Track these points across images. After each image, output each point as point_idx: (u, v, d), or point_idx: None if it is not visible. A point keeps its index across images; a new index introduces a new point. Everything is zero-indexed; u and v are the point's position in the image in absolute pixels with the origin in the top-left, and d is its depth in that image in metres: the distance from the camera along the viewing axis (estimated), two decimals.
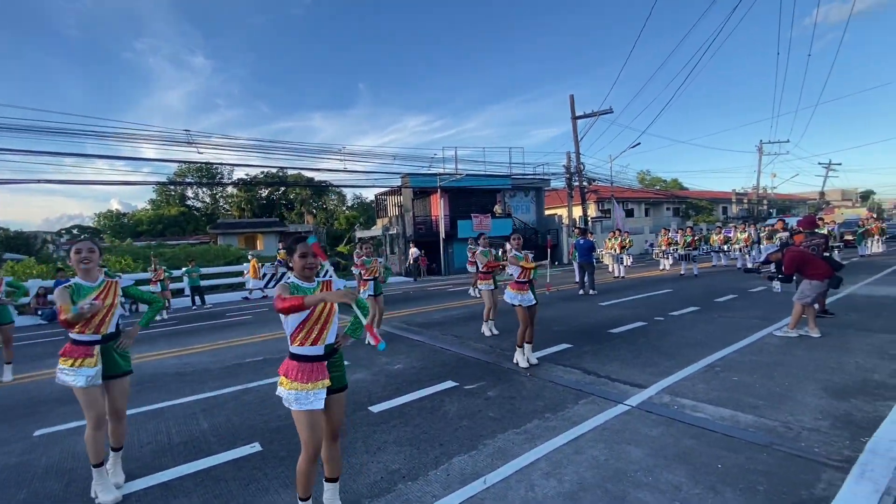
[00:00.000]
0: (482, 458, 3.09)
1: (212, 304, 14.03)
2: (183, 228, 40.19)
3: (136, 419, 4.16)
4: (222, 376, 5.50)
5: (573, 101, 23.94)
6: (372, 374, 5.27)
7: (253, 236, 34.79)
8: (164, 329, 9.69)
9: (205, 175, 41.63)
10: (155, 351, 7.24)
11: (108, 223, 41.69)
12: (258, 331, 8.61)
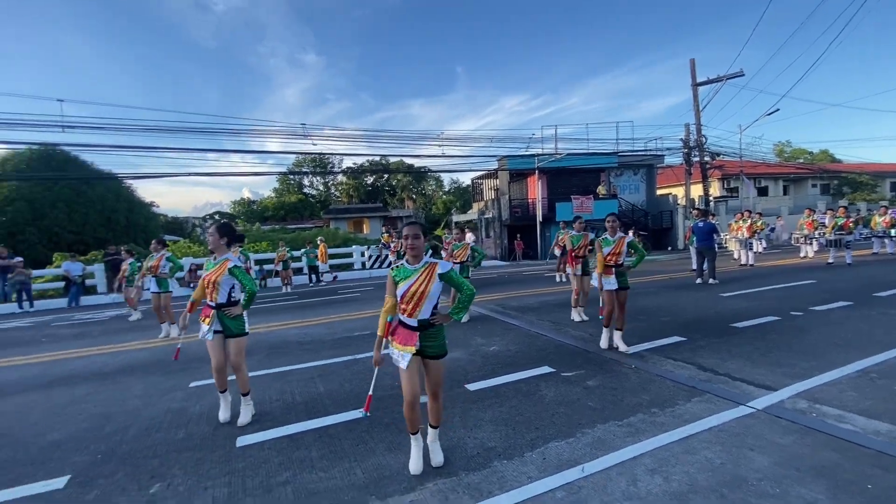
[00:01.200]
0: (580, 446, 3.01)
1: (325, 282, 15.50)
2: (301, 214, 44.76)
3: (266, 379, 4.82)
4: (335, 347, 6.09)
5: (694, 65, 21.34)
6: (468, 353, 5.40)
7: (360, 220, 37.50)
8: (287, 303, 10.98)
9: (318, 165, 45.72)
10: (280, 321, 8.26)
11: (241, 209, 48.13)
12: (365, 307, 9.32)
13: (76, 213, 18.40)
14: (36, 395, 4.77)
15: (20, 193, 17.24)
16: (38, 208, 17.42)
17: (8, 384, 5.24)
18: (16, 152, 18.40)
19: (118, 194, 20.51)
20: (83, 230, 18.48)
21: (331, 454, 3.09)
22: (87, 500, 2.70)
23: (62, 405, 4.41)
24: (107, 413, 4.12)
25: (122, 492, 2.77)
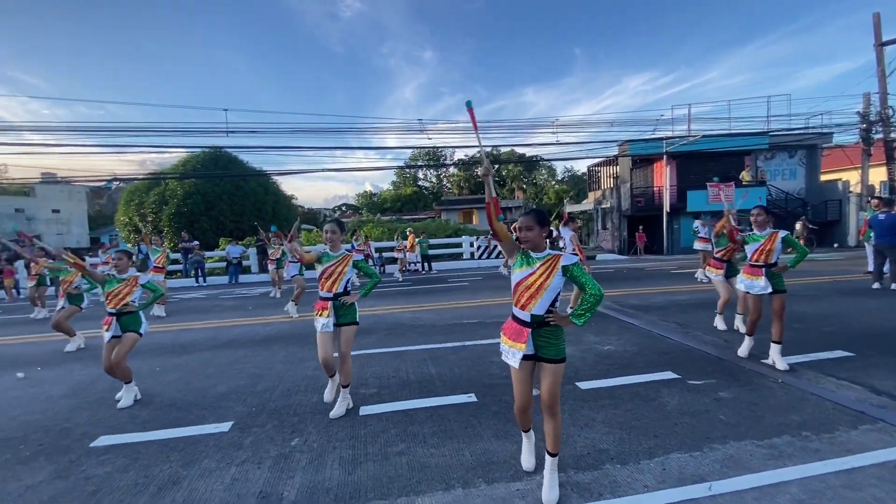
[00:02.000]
0: (708, 462, 2.71)
1: (437, 271, 16.16)
2: (415, 205, 47.15)
3: (385, 357, 5.22)
4: (445, 332, 6.34)
5: (879, 21, 17.20)
6: (580, 350, 5.19)
7: (469, 211, 38.16)
8: (402, 288, 11.72)
9: (432, 158, 47.51)
10: (396, 305, 8.85)
11: (363, 201, 52.38)
12: (474, 297, 9.51)
13: (236, 205, 21.88)
14: (209, 354, 5.84)
15: (196, 189, 21.08)
16: (209, 201, 21.13)
17: (190, 343, 6.50)
18: (193, 154, 22.50)
19: (266, 189, 23.84)
20: (241, 219, 21.90)
21: (441, 433, 3.25)
22: (245, 443, 3.24)
23: (227, 364, 5.33)
24: (259, 373, 4.88)
25: (271, 441, 3.26)
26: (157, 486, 2.73)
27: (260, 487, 2.66)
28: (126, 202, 22.30)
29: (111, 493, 2.68)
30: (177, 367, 5.26)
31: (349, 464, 2.89)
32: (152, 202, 21.13)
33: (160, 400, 4.22)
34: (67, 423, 3.77)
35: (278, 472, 2.83)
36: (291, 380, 4.60)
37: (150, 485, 2.75)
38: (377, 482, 2.66)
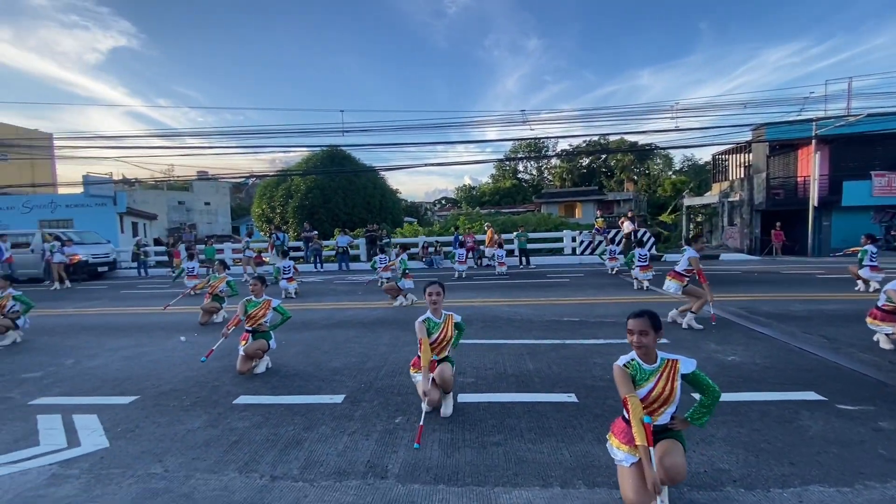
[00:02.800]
0: (861, 501, 2.28)
1: (535, 266, 15.83)
2: (514, 198, 46.56)
3: (481, 348, 5.29)
4: (543, 329, 6.20)
5: None
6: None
7: (572, 205, 36.62)
8: (499, 282, 11.70)
9: (533, 150, 46.39)
10: (493, 298, 8.88)
11: (463, 195, 53.17)
12: (575, 294, 9.14)
13: (349, 199, 23.79)
14: (325, 332, 6.47)
15: (316, 184, 23.35)
16: (326, 195, 23.27)
17: (310, 321, 7.26)
18: (313, 153, 24.93)
19: (375, 183, 25.51)
20: (353, 212, 23.77)
21: (538, 429, 3.20)
22: (355, 415, 3.55)
23: (340, 342, 5.86)
24: (366, 353, 5.28)
25: (377, 416, 3.52)
26: (284, 444, 3.12)
27: (368, 457, 2.90)
28: (259, 196, 25.56)
29: (249, 445, 3.13)
30: (299, 342, 5.92)
31: (448, 447, 3.00)
32: (280, 196, 23.91)
33: (286, 369, 4.80)
34: (216, 382, 4.48)
35: (384, 445, 3.05)
36: (395, 362, 4.90)
37: (278, 441, 3.16)
38: (474, 468, 2.72)
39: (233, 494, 2.55)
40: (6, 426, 3.61)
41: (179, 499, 2.52)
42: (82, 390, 4.36)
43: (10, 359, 5.63)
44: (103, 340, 6.45)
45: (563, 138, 50.69)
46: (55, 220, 20.89)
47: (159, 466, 2.89)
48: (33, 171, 26.40)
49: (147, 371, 4.93)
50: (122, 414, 3.77)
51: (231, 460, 2.92)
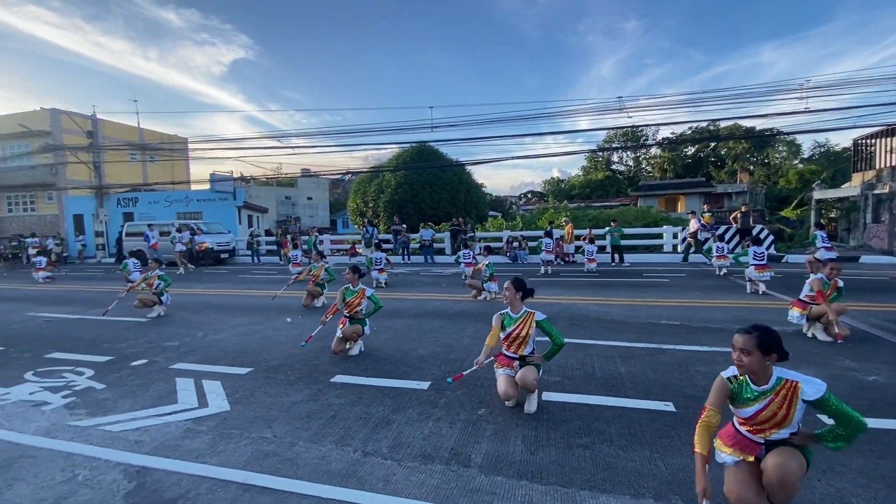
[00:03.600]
0: None
1: (629, 264, 14.85)
2: (606, 191, 44.06)
3: (568, 347, 5.09)
4: (637, 331, 5.80)
5: None
6: (828, 376, 4.06)
7: (674, 198, 33.66)
8: (589, 279, 11.18)
9: (630, 139, 43.41)
10: (581, 296, 8.51)
11: (550, 188, 51.56)
12: (676, 296, 8.41)
13: (435, 193, 24.37)
14: (412, 321, 6.73)
15: (405, 179, 24.26)
16: (414, 190, 24.08)
17: (398, 310, 7.60)
18: (403, 149, 25.91)
19: (461, 178, 25.79)
20: (438, 206, 24.31)
21: (630, 436, 3.02)
22: (440, 403, 3.65)
23: (426, 331, 6.05)
24: (450, 344, 5.39)
25: (461, 406, 3.59)
26: (375, 423, 3.31)
27: (452, 445, 2.96)
28: (354, 191, 27.24)
29: (344, 420, 3.38)
30: (388, 329, 6.23)
31: (532, 443, 2.95)
32: (372, 191, 25.26)
33: (377, 354, 5.09)
34: (316, 361, 4.89)
35: (467, 435, 3.10)
36: (478, 354, 4.93)
37: (370, 420, 3.37)
38: (559, 468, 2.65)
39: (330, 464, 2.77)
40: (153, 385, 4.31)
41: (285, 462, 2.81)
42: (209, 359, 5.05)
43: (157, 329, 6.70)
44: (225, 318, 7.39)
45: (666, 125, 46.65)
46: (189, 212, 24.28)
47: (269, 432, 3.24)
48: (172, 171, 30.96)
49: (259, 347, 5.55)
50: (239, 383, 4.29)
51: (328, 433, 3.18)
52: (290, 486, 2.54)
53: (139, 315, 7.67)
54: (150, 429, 3.35)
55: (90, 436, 3.26)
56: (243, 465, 2.78)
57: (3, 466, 2.88)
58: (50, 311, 8.53)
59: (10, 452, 3.06)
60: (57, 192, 25.33)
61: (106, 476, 2.72)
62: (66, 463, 2.89)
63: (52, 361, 5.16)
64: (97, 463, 2.88)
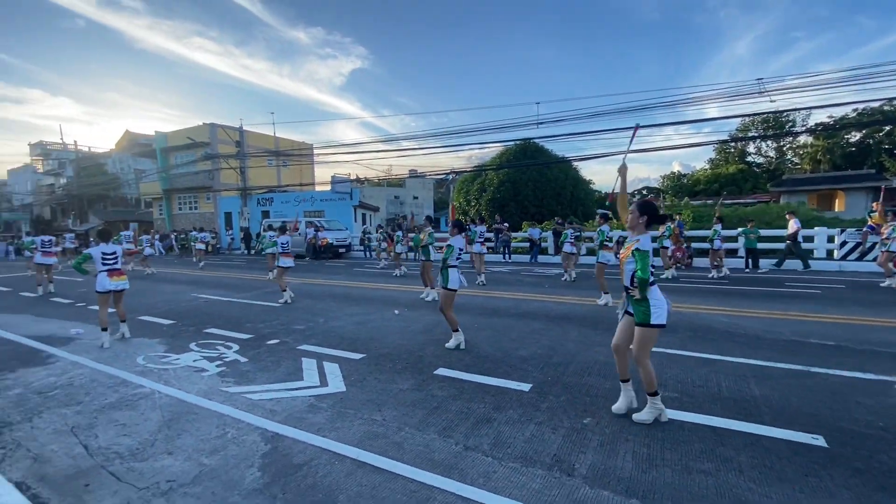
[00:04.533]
0: None
1: (766, 270, 12.89)
2: (739, 187, 38.67)
3: (688, 361, 4.61)
4: (777, 349, 5.01)
5: None
6: None
7: (829, 194, 28.37)
8: (717, 286, 9.95)
9: (771, 126, 37.61)
10: (706, 305, 7.61)
11: (669, 184, 46.91)
12: (829, 310, 7.08)
13: (539, 191, 23.81)
14: (512, 320, 6.67)
15: (507, 177, 24.11)
16: (517, 188, 23.81)
17: (498, 308, 7.59)
18: (507, 148, 25.74)
19: (567, 174, 24.81)
20: (542, 203, 23.71)
21: (765, 469, 2.62)
22: (542, 406, 3.56)
23: (527, 332, 5.96)
24: (553, 347, 5.22)
25: (564, 412, 3.46)
26: (476, 419, 3.36)
27: (554, 451, 2.88)
28: (458, 190, 27.86)
29: (446, 413, 3.48)
30: (488, 327, 6.27)
31: (643, 461, 2.73)
32: (475, 190, 25.57)
33: (477, 350, 5.15)
34: (421, 353, 5.12)
35: (571, 443, 2.98)
36: (583, 361, 4.71)
37: (471, 415, 3.42)
38: (676, 493, 2.41)
39: (433, 453, 2.88)
40: (284, 362, 4.90)
41: (393, 446, 2.99)
42: (329, 343, 5.59)
43: (287, 314, 7.61)
44: (342, 306, 8.12)
45: (821, 108, 39.15)
46: (313, 210, 27.12)
47: (379, 415, 3.48)
48: (301, 174, 34.88)
49: (371, 335, 5.98)
50: (354, 367, 4.68)
51: (432, 423, 3.31)
52: (397, 468, 2.70)
53: (274, 300, 8.80)
54: (281, 400, 3.82)
55: (236, 401, 3.83)
56: (356, 443, 3.03)
57: (175, 418, 3.53)
58: (207, 293, 10.21)
59: (179, 408, 3.74)
60: (213, 193, 30.18)
61: (248, 437, 3.18)
62: (219, 422, 3.44)
63: (208, 336, 6.17)
64: (241, 425, 3.37)
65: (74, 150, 42.32)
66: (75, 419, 3.56)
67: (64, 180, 45.55)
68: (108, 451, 3.03)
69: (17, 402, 3.95)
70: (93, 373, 4.69)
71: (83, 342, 5.96)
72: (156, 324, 6.95)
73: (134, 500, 2.48)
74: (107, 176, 43.10)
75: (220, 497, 2.48)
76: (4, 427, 3.45)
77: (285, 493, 2.50)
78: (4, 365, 5.03)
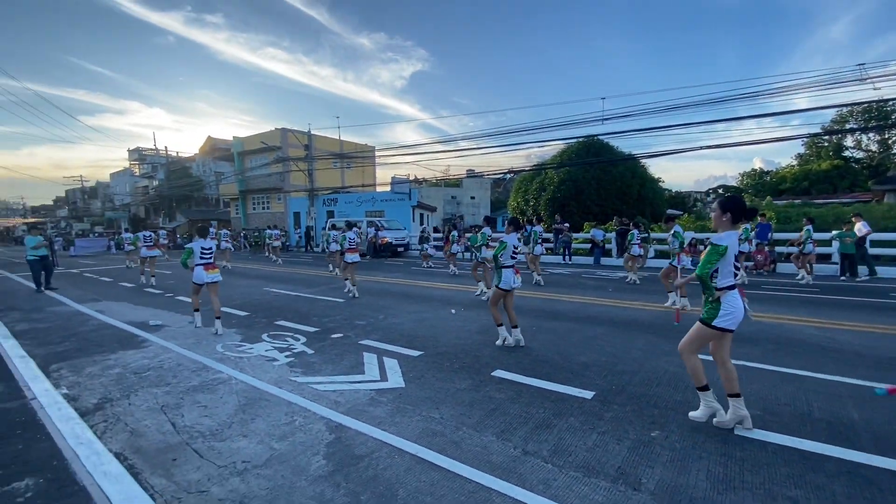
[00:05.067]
0: None
1: (866, 278, 11.45)
2: (834, 184, 34.72)
3: (772, 376, 4.21)
4: (881, 368, 4.43)
5: None
6: None
7: None
8: (805, 295, 9.00)
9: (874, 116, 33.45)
10: (793, 315, 6.90)
11: (749, 182, 43.11)
12: None
13: (602, 190, 22.86)
14: (572, 324, 6.46)
15: (568, 176, 23.36)
16: (578, 187, 23.02)
17: (557, 311, 7.39)
18: (569, 145, 24.96)
19: (633, 172, 23.61)
20: (605, 203, 22.75)
21: (865, 501, 2.33)
22: (606, 416, 3.41)
23: (588, 337, 5.74)
24: (617, 354, 4.99)
25: (630, 423, 3.29)
26: (535, 424, 3.29)
27: (619, 463, 2.74)
28: (516, 190, 27.46)
29: (504, 416, 3.44)
30: (547, 330, 6.11)
31: (720, 482, 2.53)
32: (534, 190, 25.07)
33: (536, 354, 5.04)
34: (478, 353, 5.10)
35: (637, 456, 2.82)
36: (651, 370, 4.45)
37: (529, 420, 3.36)
38: None
39: (491, 455, 2.86)
40: (346, 356, 5.10)
41: (450, 444, 3.00)
42: (388, 339, 5.73)
43: (350, 309, 7.91)
44: (401, 304, 8.30)
45: None
46: (374, 210, 28.01)
47: (437, 413, 3.51)
48: (363, 175, 36.20)
49: (428, 333, 6.06)
50: (412, 363, 4.76)
51: (490, 424, 3.29)
52: (456, 467, 2.71)
53: (338, 296, 9.19)
54: (344, 392, 3.98)
55: (303, 391, 4.04)
56: (415, 439, 3.07)
57: (250, 403, 3.78)
58: (278, 287, 10.88)
59: (253, 394, 4.01)
60: (283, 194, 32.12)
61: (314, 426, 3.34)
62: (288, 409, 3.64)
63: (279, 328, 6.56)
64: (308, 414, 3.55)
65: (165, 155, 46.95)
66: (164, 398, 3.93)
67: (156, 182, 50.63)
68: (192, 430, 3.31)
69: (117, 380, 4.44)
70: (179, 357, 5.17)
71: (170, 329, 6.58)
72: (233, 314, 7.51)
73: (214, 477, 2.69)
74: (191, 178, 47.36)
75: (289, 481, 2.62)
76: (107, 402, 3.89)
77: (348, 483, 2.59)
78: (108, 347, 5.68)
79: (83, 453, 2.97)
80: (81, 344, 5.84)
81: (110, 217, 54.02)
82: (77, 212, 62.49)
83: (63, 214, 65.82)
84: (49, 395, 4.02)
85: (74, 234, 42.11)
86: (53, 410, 3.68)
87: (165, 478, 2.69)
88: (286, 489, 2.55)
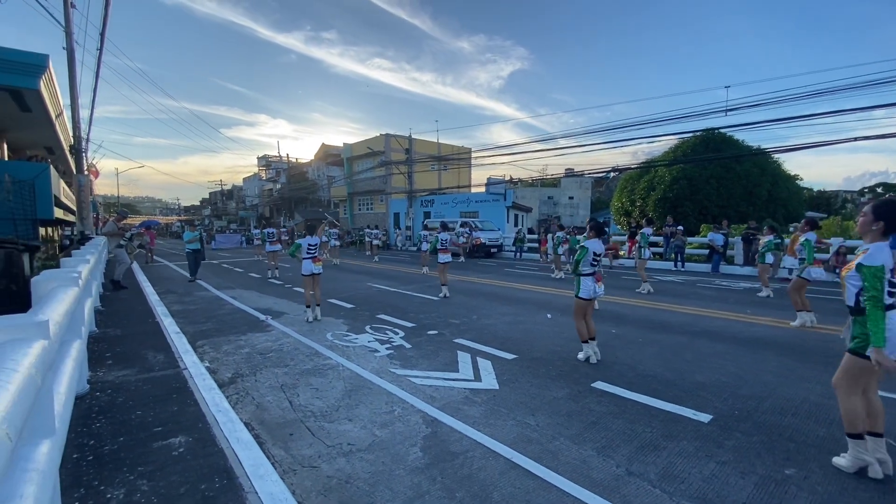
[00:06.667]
0: None
1: None
2: None
3: None
4: None
5: None
6: None
7: None
8: None
9: None
10: None
11: None
12: None
13: (723, 189, 20.39)
14: (684, 339, 5.84)
15: (683, 174, 21.21)
16: (694, 185, 20.80)
17: (666, 323, 6.75)
18: (683, 140, 22.67)
19: (763, 169, 20.68)
20: (728, 204, 20.26)
21: None
22: (726, 444, 3.02)
23: (705, 354, 5.14)
24: (742, 376, 4.39)
25: (758, 455, 2.87)
26: (641, 443, 3.03)
27: (744, 500, 2.40)
28: (620, 189, 25.74)
29: (605, 430, 3.23)
30: (654, 343, 5.61)
31: None
32: (642, 189, 23.25)
33: (642, 368, 4.66)
34: (576, 362, 4.86)
35: (766, 494, 2.45)
36: (786, 397, 3.84)
37: (634, 438, 3.10)
38: None
39: (591, 470, 2.70)
40: (441, 353, 5.21)
41: (547, 454, 2.90)
42: (482, 340, 5.74)
43: (444, 308, 8.10)
44: (494, 305, 8.27)
45: None
46: (469, 211, 28.39)
47: (532, 419, 3.42)
48: (459, 176, 36.91)
49: (523, 336, 5.94)
50: (506, 366, 4.71)
51: (589, 438, 3.11)
52: (553, 478, 2.60)
53: (433, 294, 9.48)
54: (439, 388, 4.07)
55: (402, 382, 4.22)
56: (510, 444, 3.03)
57: (354, 390, 4.06)
58: (379, 283, 11.55)
59: (357, 381, 4.29)
60: (385, 195, 34.08)
61: (412, 417, 3.46)
62: (388, 399, 3.83)
63: (380, 321, 6.95)
64: (406, 405, 3.69)
65: (286, 161, 52.76)
66: (284, 378, 4.39)
67: (279, 185, 57.16)
68: (305, 409, 3.65)
69: (246, 359, 5.07)
70: (296, 342, 5.74)
71: (289, 316, 7.35)
72: (340, 306, 8.15)
73: (324, 455, 2.92)
74: (307, 182, 52.57)
75: (389, 468, 2.75)
76: (238, 377, 4.46)
77: (443, 478, 2.63)
78: (239, 329, 6.52)
79: (221, 419, 3.43)
80: (219, 325, 6.79)
81: (243, 216, 62.29)
82: (217, 211, 73.15)
83: (206, 213, 77.59)
84: (196, 367, 4.74)
85: (215, 230, 49.27)
86: (200, 380, 4.32)
87: (284, 450, 3.00)
88: (386, 475, 2.67)
